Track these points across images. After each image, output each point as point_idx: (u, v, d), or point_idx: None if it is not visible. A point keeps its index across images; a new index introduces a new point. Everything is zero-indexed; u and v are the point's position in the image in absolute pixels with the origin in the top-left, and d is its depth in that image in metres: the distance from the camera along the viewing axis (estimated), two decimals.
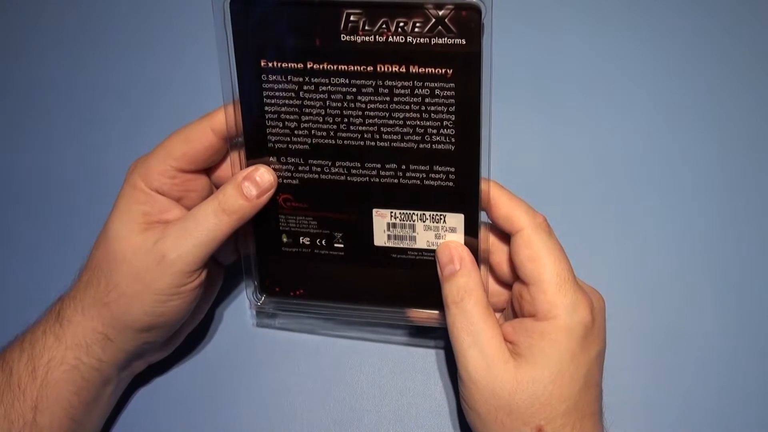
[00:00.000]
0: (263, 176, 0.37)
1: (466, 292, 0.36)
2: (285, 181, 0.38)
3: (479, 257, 0.38)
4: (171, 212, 0.38)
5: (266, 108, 0.37)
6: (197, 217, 0.36)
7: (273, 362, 0.44)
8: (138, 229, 0.37)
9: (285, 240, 0.40)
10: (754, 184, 0.49)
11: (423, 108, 0.35)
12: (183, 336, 0.42)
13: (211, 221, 0.36)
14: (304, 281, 0.41)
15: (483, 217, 0.38)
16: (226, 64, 0.36)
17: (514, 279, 0.38)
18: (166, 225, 0.37)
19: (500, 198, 0.37)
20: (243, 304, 0.46)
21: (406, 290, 0.40)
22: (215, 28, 0.35)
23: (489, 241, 0.38)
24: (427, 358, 0.44)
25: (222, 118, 0.37)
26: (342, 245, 0.40)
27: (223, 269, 0.43)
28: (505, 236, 0.38)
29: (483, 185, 0.36)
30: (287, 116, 0.37)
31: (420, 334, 0.44)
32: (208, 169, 0.40)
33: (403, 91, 0.35)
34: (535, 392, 0.34)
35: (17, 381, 0.36)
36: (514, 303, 0.38)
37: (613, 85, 0.52)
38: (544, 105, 0.52)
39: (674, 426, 0.42)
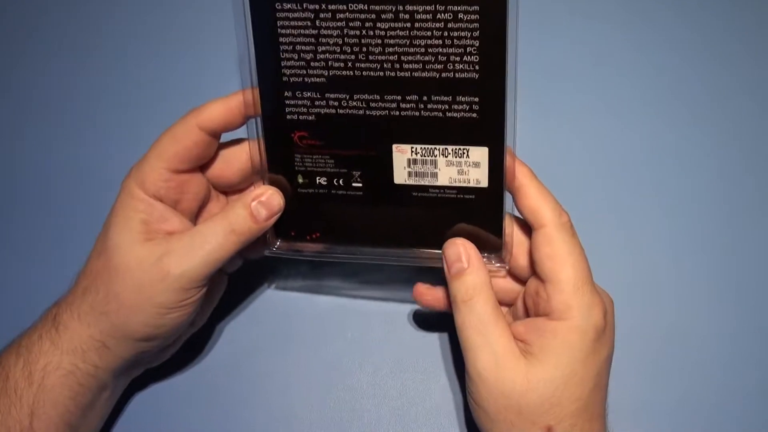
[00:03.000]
0: (272, 199, 0.38)
1: (475, 290, 0.36)
2: (301, 117, 0.37)
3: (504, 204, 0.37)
4: (170, 221, 0.37)
5: (281, 39, 0.35)
6: (204, 235, 0.36)
7: (272, 363, 0.43)
8: (139, 239, 0.36)
9: (301, 180, 0.39)
10: (754, 183, 0.49)
11: (445, 34, 0.34)
12: (181, 342, 0.42)
13: (219, 240, 0.36)
14: (321, 223, 0.40)
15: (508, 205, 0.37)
16: None
17: (530, 274, 0.38)
18: (171, 238, 0.36)
19: (529, 188, 0.36)
20: (242, 303, 0.45)
21: (427, 230, 0.39)
22: None
23: (513, 229, 0.38)
24: (427, 358, 0.43)
25: (207, 114, 0.37)
26: (360, 184, 0.38)
27: (226, 277, 0.43)
28: (525, 229, 0.37)
29: (508, 132, 0.35)
30: (303, 47, 0.35)
31: (424, 325, 0.44)
32: (202, 168, 0.39)
33: (424, 17, 0.34)
34: (546, 392, 0.34)
35: (13, 386, 0.35)
36: (527, 299, 0.38)
37: (611, 85, 0.52)
38: (543, 105, 0.51)
39: (674, 426, 0.41)
